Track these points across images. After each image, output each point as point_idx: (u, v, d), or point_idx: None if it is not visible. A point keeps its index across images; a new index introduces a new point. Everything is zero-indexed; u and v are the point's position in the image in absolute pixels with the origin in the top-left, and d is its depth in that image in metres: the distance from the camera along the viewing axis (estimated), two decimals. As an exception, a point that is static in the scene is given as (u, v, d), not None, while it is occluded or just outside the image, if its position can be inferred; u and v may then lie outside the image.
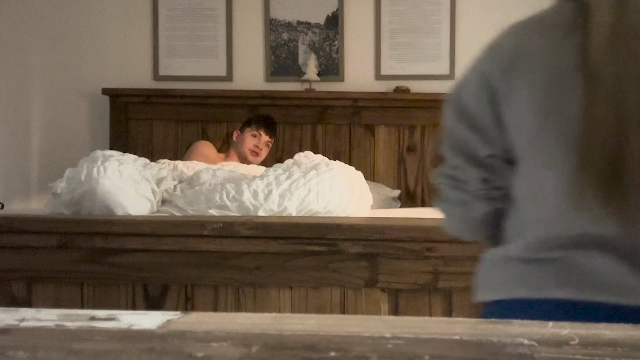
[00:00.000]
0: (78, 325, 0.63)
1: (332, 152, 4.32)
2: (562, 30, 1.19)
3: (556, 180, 1.15)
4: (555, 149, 1.17)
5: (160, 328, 0.62)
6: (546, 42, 1.21)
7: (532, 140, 1.20)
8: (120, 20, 4.67)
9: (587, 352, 0.58)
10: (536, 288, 1.16)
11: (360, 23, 4.60)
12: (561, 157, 1.15)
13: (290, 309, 2.14)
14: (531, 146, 1.20)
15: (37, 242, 2.20)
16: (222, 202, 2.42)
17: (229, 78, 4.63)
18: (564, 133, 1.15)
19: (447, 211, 1.35)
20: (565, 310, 1.13)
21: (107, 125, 4.57)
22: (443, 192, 1.34)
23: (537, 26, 1.25)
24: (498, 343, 0.59)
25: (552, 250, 1.16)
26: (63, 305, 2.18)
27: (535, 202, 1.19)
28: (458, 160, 1.30)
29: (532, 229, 1.19)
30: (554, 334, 0.60)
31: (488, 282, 1.29)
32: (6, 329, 0.62)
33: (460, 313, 2.09)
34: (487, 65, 1.26)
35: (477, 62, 1.30)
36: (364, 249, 2.10)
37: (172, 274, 2.17)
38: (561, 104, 1.17)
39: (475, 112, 1.28)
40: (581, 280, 1.13)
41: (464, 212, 1.32)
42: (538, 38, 1.23)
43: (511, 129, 1.22)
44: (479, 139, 1.27)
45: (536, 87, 1.19)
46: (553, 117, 1.17)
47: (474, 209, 1.30)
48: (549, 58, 1.20)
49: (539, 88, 1.19)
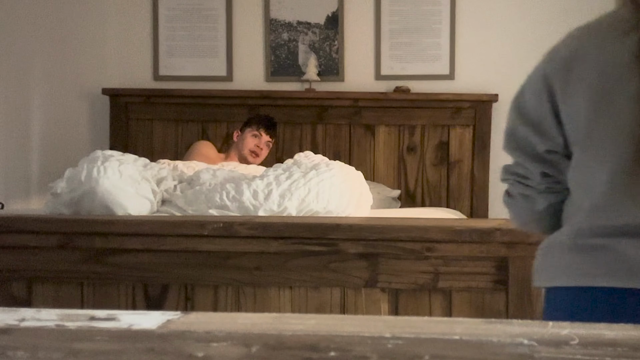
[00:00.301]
0: (78, 325, 0.63)
1: (332, 152, 4.32)
2: (617, 32, 1.29)
3: (608, 171, 1.23)
4: (608, 142, 1.24)
5: (160, 328, 0.62)
6: (601, 43, 1.30)
7: (585, 134, 1.28)
8: (120, 20, 4.67)
9: (587, 352, 0.58)
10: (586, 276, 1.25)
11: (360, 23, 4.60)
12: (613, 149, 1.23)
13: (290, 309, 2.14)
14: (585, 139, 1.28)
15: (37, 242, 2.20)
16: (222, 202, 2.42)
17: (229, 78, 4.63)
18: (616, 127, 1.23)
19: (512, 206, 1.45)
20: (613, 297, 1.22)
21: (107, 125, 4.57)
22: (508, 188, 1.45)
23: (595, 29, 1.34)
24: (498, 343, 0.59)
25: (600, 237, 1.24)
26: (63, 305, 2.18)
27: (587, 192, 1.28)
28: (520, 158, 1.40)
29: (583, 217, 1.27)
30: (553, 334, 0.60)
31: (543, 270, 1.38)
32: (6, 329, 0.62)
33: (460, 313, 2.09)
34: (547, 66, 1.35)
35: (539, 65, 1.38)
36: (364, 249, 2.10)
37: (172, 274, 2.17)
38: (613, 99, 1.24)
39: (536, 111, 1.36)
40: (629, 269, 1.21)
41: (528, 206, 1.41)
42: (594, 40, 1.31)
43: (567, 124, 1.31)
44: (538, 136, 1.35)
45: (590, 84, 1.27)
46: (605, 112, 1.25)
47: (537, 203, 1.39)
48: (603, 57, 1.27)
49: (592, 86, 1.27)
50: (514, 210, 1.46)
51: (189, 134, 4.49)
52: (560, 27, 5.16)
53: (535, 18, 4.52)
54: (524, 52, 4.53)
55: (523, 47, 4.52)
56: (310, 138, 4.46)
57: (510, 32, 4.54)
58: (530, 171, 1.38)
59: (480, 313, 2.09)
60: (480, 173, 4.35)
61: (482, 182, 4.35)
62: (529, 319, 2.06)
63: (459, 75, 4.56)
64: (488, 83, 4.50)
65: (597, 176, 1.25)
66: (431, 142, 4.44)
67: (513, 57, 4.51)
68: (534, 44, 4.52)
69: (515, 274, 2.05)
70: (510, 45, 4.53)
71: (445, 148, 4.44)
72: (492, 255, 2.06)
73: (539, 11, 4.52)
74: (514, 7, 4.54)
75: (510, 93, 4.19)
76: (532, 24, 4.52)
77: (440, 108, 4.42)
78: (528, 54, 4.56)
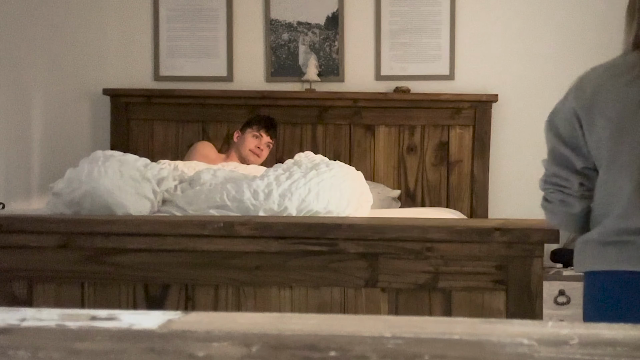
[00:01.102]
0: (79, 325, 0.63)
1: (332, 152, 4.33)
2: (630, 75, 1.70)
3: (629, 188, 1.67)
4: (628, 164, 1.68)
5: (160, 328, 0.62)
6: (618, 84, 1.71)
7: (609, 158, 1.70)
8: (120, 20, 4.67)
9: (587, 351, 0.58)
10: (614, 262, 1.69)
11: (360, 23, 4.60)
12: (633, 169, 1.67)
13: (290, 309, 2.14)
14: (609, 162, 1.70)
15: (38, 242, 2.20)
16: (222, 202, 2.42)
17: (229, 78, 4.63)
18: (634, 153, 1.67)
19: (551, 209, 1.82)
20: (635, 278, 1.66)
21: (108, 126, 4.57)
22: (547, 195, 1.81)
23: (611, 71, 1.75)
24: (498, 343, 0.59)
25: (625, 235, 1.67)
26: (64, 304, 2.18)
27: (613, 202, 1.70)
28: (562, 171, 1.77)
29: (611, 220, 1.69)
30: (553, 334, 0.60)
31: (582, 260, 1.77)
32: (7, 328, 0.63)
33: (460, 313, 2.09)
34: (574, 101, 1.74)
35: (567, 96, 1.77)
36: (364, 249, 2.10)
37: (173, 273, 2.18)
38: (631, 131, 1.67)
39: (570, 136, 1.75)
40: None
41: (566, 209, 1.78)
42: (611, 81, 1.72)
43: (592, 150, 1.72)
44: (575, 155, 1.75)
45: (610, 119, 1.69)
46: (624, 141, 1.68)
47: (574, 206, 1.77)
48: (620, 97, 1.69)
49: (612, 120, 1.68)
50: (553, 214, 1.82)
51: (190, 134, 4.49)
52: (560, 28, 5.17)
53: (535, 18, 4.52)
54: (524, 52, 4.53)
55: (523, 47, 4.52)
56: (311, 138, 4.46)
57: (510, 32, 4.54)
58: (570, 182, 1.76)
59: (480, 313, 2.09)
60: (480, 173, 4.35)
61: (482, 182, 4.35)
62: (529, 318, 2.06)
63: (459, 76, 4.56)
64: (488, 83, 4.50)
65: (621, 191, 1.67)
66: (431, 142, 4.45)
67: (513, 57, 4.51)
68: (534, 45, 4.53)
69: (515, 274, 2.05)
70: (510, 45, 4.53)
71: (445, 148, 4.44)
72: (492, 255, 2.06)
73: (538, 11, 4.52)
74: (514, 8, 4.54)
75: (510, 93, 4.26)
76: (532, 24, 4.52)
77: (440, 108, 4.42)
78: (528, 55, 4.57)
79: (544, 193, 1.83)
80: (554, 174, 1.78)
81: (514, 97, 3.97)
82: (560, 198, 1.77)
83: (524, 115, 3.99)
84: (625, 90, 1.68)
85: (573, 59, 4.54)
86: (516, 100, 3.96)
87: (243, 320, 0.64)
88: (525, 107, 4.31)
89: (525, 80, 4.50)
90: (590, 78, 1.74)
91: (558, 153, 1.77)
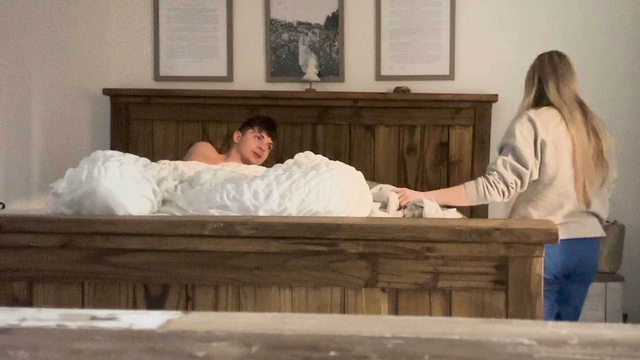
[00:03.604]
0: (79, 325, 0.63)
1: (332, 152, 4.33)
2: (557, 120, 3.08)
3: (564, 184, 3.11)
4: (563, 170, 3.06)
5: (160, 328, 0.62)
6: (551, 126, 3.07)
7: (552, 167, 3.06)
8: (121, 20, 4.67)
9: (587, 351, 0.58)
10: (572, 234, 3.04)
11: (360, 23, 4.60)
12: (566, 172, 3.06)
13: (290, 309, 2.14)
14: (553, 169, 3.06)
15: (38, 242, 2.20)
16: (222, 202, 2.42)
17: (229, 78, 4.63)
18: (566, 163, 3.06)
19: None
20: (580, 243, 3.07)
21: (108, 126, 4.57)
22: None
23: (545, 118, 3.08)
24: (498, 343, 0.59)
25: (573, 217, 3.07)
26: (64, 305, 2.18)
27: (565, 197, 3.09)
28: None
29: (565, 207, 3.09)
30: (553, 334, 0.60)
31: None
32: (7, 328, 0.62)
33: (460, 313, 2.09)
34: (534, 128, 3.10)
35: (525, 125, 3.12)
36: (364, 249, 2.10)
37: (173, 273, 2.18)
38: (563, 158, 3.07)
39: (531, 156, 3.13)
40: (587, 229, 3.09)
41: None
42: (548, 124, 3.07)
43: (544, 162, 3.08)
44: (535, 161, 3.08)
45: (550, 148, 3.06)
46: (560, 157, 3.06)
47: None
48: (554, 134, 3.06)
49: (550, 150, 3.05)
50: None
51: (190, 134, 4.49)
52: (560, 27, 5.15)
53: (535, 18, 4.52)
54: (523, 52, 4.53)
55: (523, 47, 4.52)
56: (311, 138, 4.46)
57: (510, 32, 4.54)
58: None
59: (480, 313, 2.09)
60: (480, 173, 4.35)
61: (483, 182, 4.35)
62: (529, 318, 2.06)
63: (458, 76, 4.56)
64: (488, 83, 4.50)
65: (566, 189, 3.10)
66: (431, 142, 4.45)
67: (513, 57, 4.51)
68: (534, 45, 4.52)
69: (515, 274, 2.05)
70: (510, 45, 4.53)
71: (445, 148, 4.44)
72: (492, 255, 2.06)
73: (538, 11, 4.52)
74: (514, 8, 4.54)
75: (510, 93, 4.29)
76: (531, 25, 4.52)
77: (440, 108, 4.42)
78: (528, 55, 4.57)
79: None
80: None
81: (514, 97, 3.96)
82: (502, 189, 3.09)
83: (524, 115, 3.99)
84: (556, 129, 3.08)
85: (573, 59, 4.54)
86: (516, 100, 3.96)
87: (243, 320, 0.64)
88: (525, 107, 4.31)
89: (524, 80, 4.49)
90: (533, 120, 3.09)
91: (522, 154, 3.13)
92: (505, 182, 3.02)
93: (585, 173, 3.02)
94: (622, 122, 4.47)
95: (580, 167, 3.02)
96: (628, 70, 4.51)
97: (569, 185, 3.04)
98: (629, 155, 4.49)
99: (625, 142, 4.48)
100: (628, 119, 4.50)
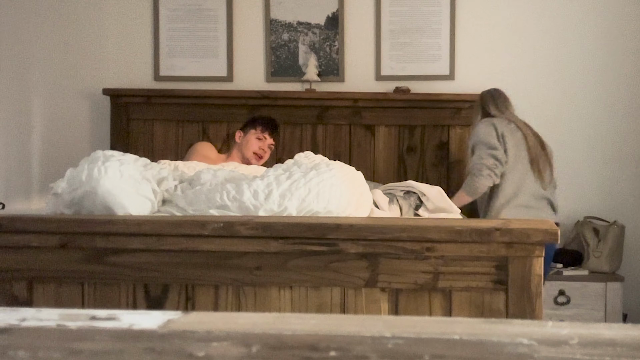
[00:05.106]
0: (79, 325, 0.63)
1: (332, 152, 4.33)
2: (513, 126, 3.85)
3: (524, 171, 3.79)
4: (522, 161, 3.76)
5: (160, 328, 0.62)
6: (509, 130, 3.81)
7: (513, 160, 3.74)
8: (121, 20, 4.67)
9: (587, 351, 0.58)
10: (533, 216, 3.48)
11: (360, 23, 4.60)
12: (523, 163, 3.78)
13: (290, 309, 2.14)
14: (514, 161, 3.76)
15: (38, 242, 2.20)
16: (222, 202, 2.42)
17: (229, 78, 4.63)
18: (524, 157, 3.78)
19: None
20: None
21: (108, 126, 4.57)
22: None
23: (500, 125, 3.79)
24: (498, 343, 0.59)
25: (529, 201, 3.77)
26: (64, 305, 2.18)
27: (519, 186, 3.76)
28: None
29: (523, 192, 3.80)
30: (553, 334, 0.60)
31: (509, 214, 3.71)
32: (7, 328, 0.62)
33: (460, 313, 2.09)
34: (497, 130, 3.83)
35: (489, 130, 3.81)
36: (364, 249, 2.10)
37: (173, 273, 2.18)
38: (520, 151, 3.77)
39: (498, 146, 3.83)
40: (536, 211, 3.76)
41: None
42: (505, 128, 3.79)
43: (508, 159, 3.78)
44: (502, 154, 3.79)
45: (510, 146, 3.76)
46: (519, 153, 3.79)
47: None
48: (513, 137, 3.80)
49: (511, 148, 3.74)
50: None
51: (190, 134, 4.49)
52: (560, 28, 5.16)
53: (535, 18, 4.52)
54: (523, 53, 4.53)
55: (523, 47, 4.52)
56: (311, 138, 4.46)
57: (509, 32, 4.54)
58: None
59: (480, 313, 2.09)
60: (480, 173, 4.35)
61: (483, 182, 4.35)
62: (529, 318, 2.06)
63: (458, 75, 4.56)
64: (488, 83, 4.50)
65: (523, 176, 3.78)
66: (431, 142, 4.45)
67: (513, 57, 4.51)
68: (534, 44, 4.53)
69: (515, 274, 2.05)
70: (510, 45, 4.53)
71: (445, 148, 4.44)
72: (492, 255, 2.06)
73: (539, 12, 4.52)
74: (514, 8, 4.54)
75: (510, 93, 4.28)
76: (531, 25, 4.52)
77: (440, 108, 4.42)
78: (527, 54, 4.57)
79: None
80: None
81: (514, 97, 3.97)
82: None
83: (523, 115, 3.98)
84: (514, 133, 3.79)
85: (573, 59, 4.54)
86: (516, 100, 3.97)
87: (243, 320, 0.64)
88: (525, 106, 4.31)
89: (525, 80, 4.50)
90: (494, 125, 3.78)
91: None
92: (487, 167, 3.68)
93: (540, 157, 3.78)
94: (622, 122, 4.47)
95: (534, 153, 3.77)
96: (628, 70, 4.51)
97: (527, 170, 3.76)
98: (629, 155, 4.49)
99: (625, 142, 4.48)
100: (628, 119, 4.50)
